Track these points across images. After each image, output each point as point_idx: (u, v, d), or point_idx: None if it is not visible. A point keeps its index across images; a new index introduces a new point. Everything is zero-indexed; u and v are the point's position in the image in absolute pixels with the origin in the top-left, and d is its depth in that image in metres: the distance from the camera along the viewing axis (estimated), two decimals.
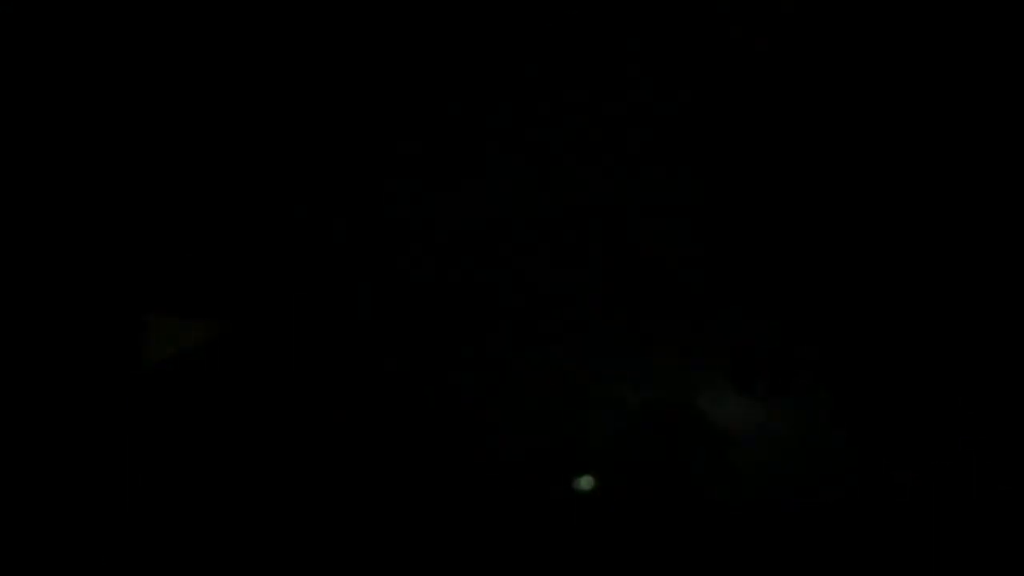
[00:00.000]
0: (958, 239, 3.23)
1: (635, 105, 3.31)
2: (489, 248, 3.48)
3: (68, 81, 3.35)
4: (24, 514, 3.20)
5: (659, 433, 3.29)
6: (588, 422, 3.42)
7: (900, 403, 3.30)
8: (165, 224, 3.56)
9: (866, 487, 3.26)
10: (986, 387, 3.24)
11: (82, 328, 3.38)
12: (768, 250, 3.29)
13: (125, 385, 3.36)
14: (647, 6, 3.18)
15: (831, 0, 3.14)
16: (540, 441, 3.44)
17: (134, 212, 3.52)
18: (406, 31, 3.32)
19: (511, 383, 3.44)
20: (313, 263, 3.51)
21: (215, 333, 3.51)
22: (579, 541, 3.32)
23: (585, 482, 3.36)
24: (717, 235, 3.14)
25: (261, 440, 3.40)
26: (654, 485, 3.31)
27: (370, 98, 3.41)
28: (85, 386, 3.34)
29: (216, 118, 3.43)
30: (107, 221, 3.48)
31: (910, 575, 3.25)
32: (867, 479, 3.23)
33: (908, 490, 3.25)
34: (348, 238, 3.50)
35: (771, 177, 3.31)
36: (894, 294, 3.35)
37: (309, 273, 3.51)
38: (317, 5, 3.28)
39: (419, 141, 3.43)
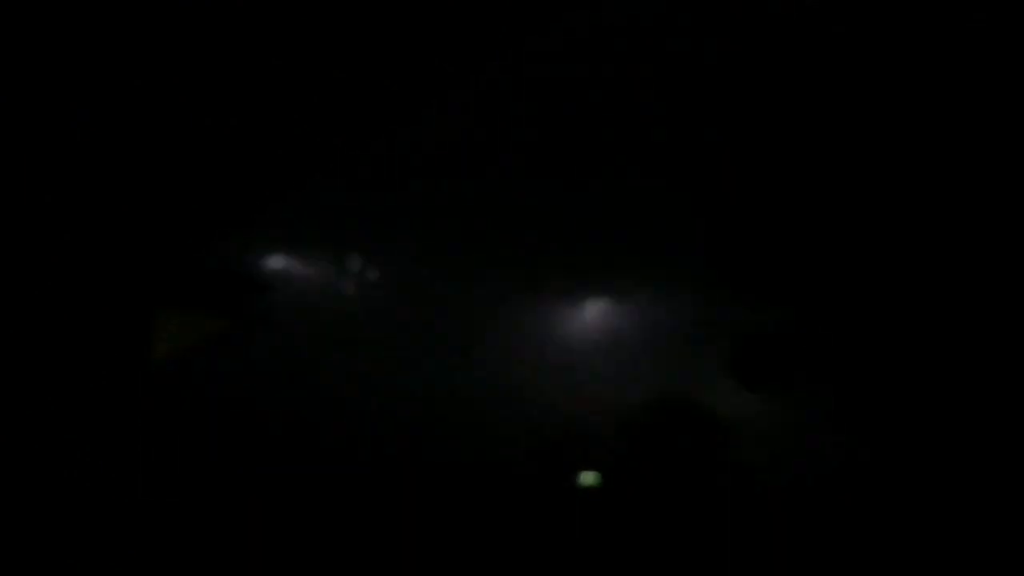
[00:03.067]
0: (956, 232, 3.24)
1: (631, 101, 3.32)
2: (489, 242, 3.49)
3: (69, 78, 3.34)
4: (27, 511, 3.22)
5: (661, 427, 3.31)
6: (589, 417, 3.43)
7: (900, 397, 3.32)
8: (172, 219, 3.55)
9: (864, 480, 3.28)
10: (986, 383, 3.25)
11: (90, 323, 3.38)
12: (768, 241, 3.30)
13: (133, 380, 3.36)
14: None
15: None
16: (542, 437, 3.46)
17: (141, 207, 3.51)
18: None
19: (511, 378, 3.45)
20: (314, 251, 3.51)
21: (221, 328, 3.51)
22: (580, 535, 3.33)
23: (590, 478, 3.37)
24: (717, 227, 3.14)
25: (266, 437, 3.40)
26: (655, 479, 3.32)
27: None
28: (93, 381, 3.35)
29: (221, 113, 3.43)
30: (114, 215, 3.48)
31: (905, 569, 3.27)
32: (865, 472, 3.26)
33: (904, 484, 3.27)
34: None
35: (770, 170, 3.33)
36: (894, 288, 3.36)
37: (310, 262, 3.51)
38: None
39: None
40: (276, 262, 3.54)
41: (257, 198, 3.53)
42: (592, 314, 3.46)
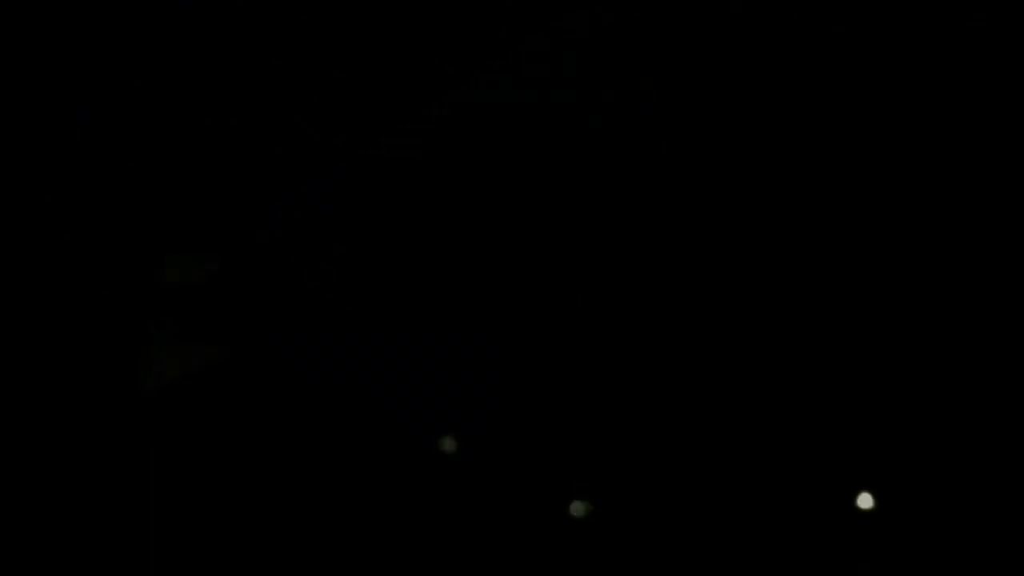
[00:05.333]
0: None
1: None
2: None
3: (63, 79, 3.35)
4: (22, 531, 3.20)
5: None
6: None
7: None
8: (164, 236, 3.55)
9: None
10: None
11: (80, 349, 3.35)
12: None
13: (123, 409, 3.34)
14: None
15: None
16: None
17: (132, 220, 3.51)
18: None
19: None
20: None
21: (216, 357, 3.47)
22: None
23: (581, 508, 3.35)
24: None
25: (259, 464, 3.39)
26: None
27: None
28: (83, 409, 3.32)
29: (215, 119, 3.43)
30: (106, 231, 3.48)
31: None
32: None
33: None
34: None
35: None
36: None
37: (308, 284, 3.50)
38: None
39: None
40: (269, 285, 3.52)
41: (255, 214, 3.52)
42: None
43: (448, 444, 3.38)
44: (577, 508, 3.31)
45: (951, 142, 3.33)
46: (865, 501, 3.31)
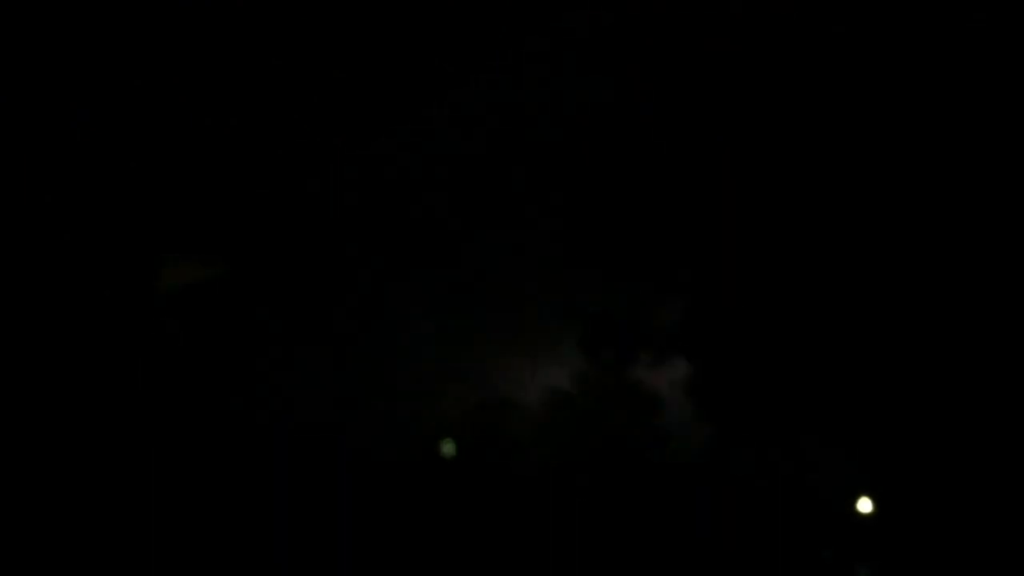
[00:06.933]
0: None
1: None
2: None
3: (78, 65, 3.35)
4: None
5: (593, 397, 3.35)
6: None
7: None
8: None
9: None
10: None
11: (80, 349, 3.37)
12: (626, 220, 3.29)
13: (123, 407, 3.35)
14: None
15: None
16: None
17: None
18: None
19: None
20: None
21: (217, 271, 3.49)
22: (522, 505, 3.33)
23: (448, 447, 3.37)
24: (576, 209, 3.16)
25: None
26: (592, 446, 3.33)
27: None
28: (83, 408, 3.33)
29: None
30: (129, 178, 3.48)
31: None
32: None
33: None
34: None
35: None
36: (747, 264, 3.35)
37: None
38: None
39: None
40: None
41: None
42: None
43: (448, 445, 3.39)
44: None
45: (951, 142, 3.33)
46: (864, 505, 3.31)
